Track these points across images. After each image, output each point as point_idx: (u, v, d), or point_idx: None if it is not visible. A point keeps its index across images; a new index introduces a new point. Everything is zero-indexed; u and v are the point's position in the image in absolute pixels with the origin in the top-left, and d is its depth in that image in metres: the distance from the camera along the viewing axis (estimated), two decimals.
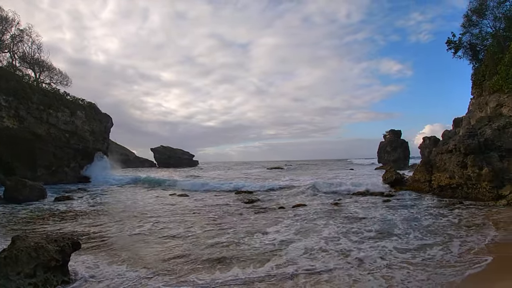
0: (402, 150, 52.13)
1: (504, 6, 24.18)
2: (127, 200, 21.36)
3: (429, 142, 27.45)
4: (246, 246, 9.74)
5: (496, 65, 21.51)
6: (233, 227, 12.42)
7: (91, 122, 36.72)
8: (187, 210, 16.80)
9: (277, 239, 10.48)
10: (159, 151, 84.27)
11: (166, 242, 10.28)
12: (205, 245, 9.85)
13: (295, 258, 8.43)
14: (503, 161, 17.38)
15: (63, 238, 6.93)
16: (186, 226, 12.71)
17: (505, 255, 8.52)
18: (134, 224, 13.22)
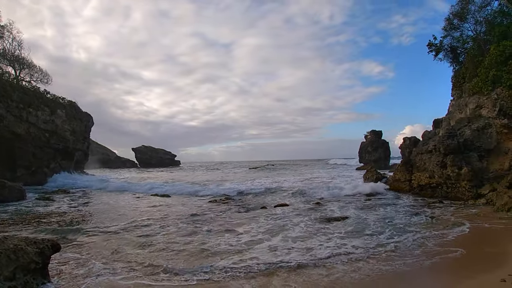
0: (383, 150, 52.83)
1: (485, 10, 24.58)
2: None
3: (409, 142, 27.68)
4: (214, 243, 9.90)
5: (476, 67, 21.82)
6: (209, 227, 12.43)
7: (71, 121, 35.65)
8: (164, 211, 16.52)
9: (247, 237, 10.65)
10: (140, 151, 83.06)
11: (143, 241, 10.25)
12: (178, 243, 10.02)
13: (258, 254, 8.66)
14: (482, 161, 17.67)
15: (42, 240, 6.74)
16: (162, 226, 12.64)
17: (465, 250, 8.75)
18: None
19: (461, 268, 7.51)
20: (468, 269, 7.34)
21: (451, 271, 7.53)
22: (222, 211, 15.91)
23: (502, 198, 13.47)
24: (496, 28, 21.71)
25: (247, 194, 22.33)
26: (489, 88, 19.74)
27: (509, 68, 18.01)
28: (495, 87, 19.29)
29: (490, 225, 11.49)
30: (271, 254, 8.72)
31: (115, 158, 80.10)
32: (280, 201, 18.47)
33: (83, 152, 38.87)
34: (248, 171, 56.31)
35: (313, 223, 12.72)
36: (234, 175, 45.52)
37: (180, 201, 20.04)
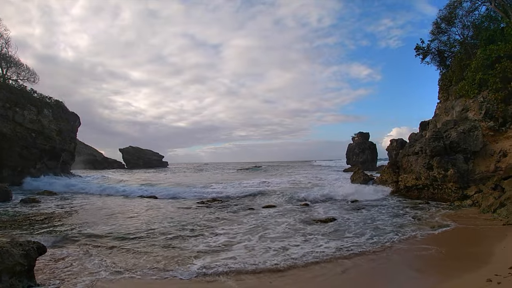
0: (370, 152, 53.11)
1: (472, 15, 24.91)
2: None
3: (396, 144, 27.86)
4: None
5: (462, 71, 22.05)
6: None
7: (58, 121, 34.84)
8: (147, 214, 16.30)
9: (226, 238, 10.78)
10: (128, 151, 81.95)
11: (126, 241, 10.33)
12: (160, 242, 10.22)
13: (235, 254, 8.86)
14: (468, 163, 17.82)
15: (28, 242, 6.62)
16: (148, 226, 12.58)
17: (450, 250, 8.90)
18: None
19: (445, 268, 7.50)
20: (453, 269, 7.35)
21: (435, 270, 7.49)
22: (208, 213, 15.68)
23: (487, 199, 13.57)
24: (483, 33, 21.95)
25: (234, 195, 21.90)
26: (476, 91, 19.95)
27: (495, 72, 18.17)
28: (482, 91, 19.52)
29: (475, 225, 11.54)
30: (248, 254, 8.88)
31: (102, 159, 78.73)
32: (267, 203, 18.31)
33: (70, 152, 37.97)
34: (235, 173, 56.01)
35: (296, 224, 12.75)
36: (221, 177, 45.17)
37: (166, 203, 19.68)
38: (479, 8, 24.47)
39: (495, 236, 9.65)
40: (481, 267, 7.15)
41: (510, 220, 10.61)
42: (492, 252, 8.21)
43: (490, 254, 8.11)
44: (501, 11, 21.74)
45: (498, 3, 21.84)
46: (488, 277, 6.28)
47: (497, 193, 14.08)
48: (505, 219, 10.92)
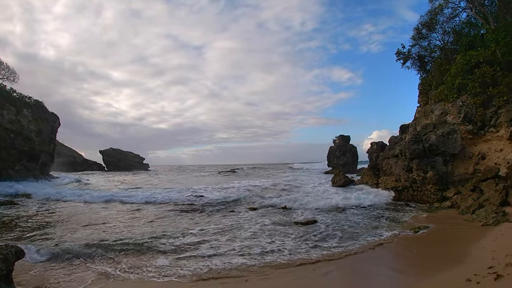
0: (351, 155, 53.14)
1: (453, 21, 25.31)
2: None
3: (376, 147, 27.98)
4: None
5: (442, 75, 22.36)
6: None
7: (37, 121, 33.44)
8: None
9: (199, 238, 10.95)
10: (108, 153, 79.89)
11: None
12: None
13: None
14: (447, 165, 18.03)
15: (6, 246, 6.47)
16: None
17: (428, 250, 9.11)
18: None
19: (424, 268, 7.50)
20: (432, 269, 7.35)
21: (414, 271, 7.53)
22: (188, 216, 15.40)
23: (466, 200, 13.71)
24: (464, 38, 22.35)
25: (215, 199, 20.89)
26: (455, 95, 20.24)
27: (474, 77, 18.46)
28: (461, 95, 19.81)
29: (454, 226, 11.60)
30: (212, 250, 9.41)
31: (82, 161, 76.54)
32: (249, 205, 18.04)
33: (49, 154, 36.44)
34: (217, 176, 55.23)
35: (271, 225, 12.73)
36: (203, 179, 44.59)
37: (144, 207, 18.79)
38: (460, 14, 24.91)
39: (474, 237, 9.69)
40: (461, 267, 7.16)
41: (488, 221, 10.67)
42: (471, 253, 8.22)
43: (469, 254, 8.12)
44: (481, 18, 22.13)
45: (479, 10, 22.23)
46: (467, 277, 6.29)
47: (476, 194, 14.26)
48: (483, 220, 10.99)
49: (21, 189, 25.15)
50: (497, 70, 17.93)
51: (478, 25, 23.11)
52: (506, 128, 16.61)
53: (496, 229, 9.96)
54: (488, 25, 20.92)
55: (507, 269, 6.37)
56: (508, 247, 7.89)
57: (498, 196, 12.60)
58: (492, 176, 14.94)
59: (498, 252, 7.63)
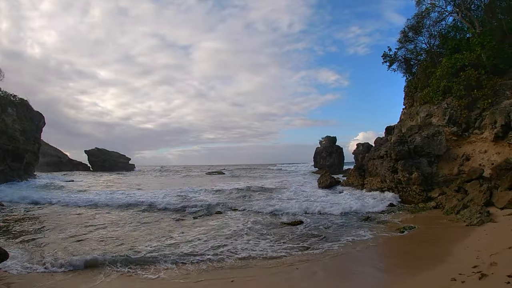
0: (337, 156, 53.32)
1: (439, 25, 25.68)
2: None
3: (362, 148, 28.22)
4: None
5: (427, 78, 22.61)
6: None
7: (22, 120, 32.88)
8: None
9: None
10: (93, 153, 78.31)
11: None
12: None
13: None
14: (432, 166, 18.17)
15: None
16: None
17: (412, 250, 9.13)
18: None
19: (409, 268, 7.51)
20: (417, 269, 7.37)
21: (399, 271, 7.50)
22: (173, 217, 15.09)
23: (451, 201, 13.79)
24: (449, 42, 22.60)
25: (203, 200, 20.30)
26: (440, 98, 20.47)
27: (459, 80, 18.67)
28: (446, 97, 20.04)
29: (439, 226, 11.64)
30: (189, 247, 9.66)
31: (67, 161, 75.13)
32: (234, 207, 17.60)
33: (34, 153, 35.80)
34: (203, 176, 54.06)
35: (256, 226, 12.63)
36: (189, 180, 43.65)
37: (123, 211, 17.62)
38: (446, 18, 25.29)
39: (458, 236, 9.70)
40: (445, 267, 7.16)
41: (473, 221, 10.72)
42: (455, 252, 8.22)
43: (453, 254, 8.13)
44: (467, 22, 22.46)
45: (465, 14, 22.56)
46: (452, 276, 6.27)
47: (460, 195, 14.36)
48: (468, 220, 11.04)
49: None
50: (482, 74, 18.17)
51: (464, 29, 23.43)
52: (490, 130, 16.82)
53: (481, 229, 10.00)
54: (474, 29, 21.23)
55: (491, 268, 6.36)
56: (492, 246, 7.88)
57: (482, 196, 12.69)
58: (477, 177, 15.07)
59: (482, 251, 7.62)
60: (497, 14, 21.64)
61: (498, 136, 16.48)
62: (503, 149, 16.43)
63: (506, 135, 16.14)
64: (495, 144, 16.80)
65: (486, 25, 21.24)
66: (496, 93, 17.69)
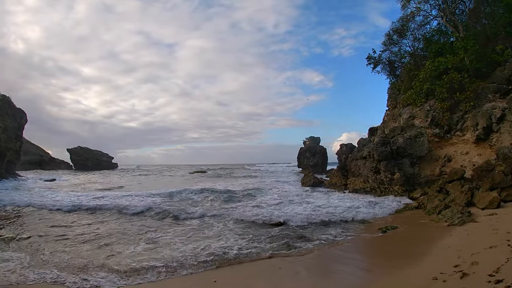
0: (320, 156, 53.74)
1: (424, 29, 26.02)
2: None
3: (345, 149, 28.18)
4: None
5: (411, 81, 22.82)
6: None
7: (3, 117, 32.04)
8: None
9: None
10: (76, 152, 76.63)
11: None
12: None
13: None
14: (414, 167, 18.31)
15: None
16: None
17: (393, 250, 9.13)
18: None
19: (392, 268, 7.47)
20: (399, 268, 7.33)
21: (382, 270, 7.45)
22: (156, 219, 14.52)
23: (433, 201, 13.84)
24: (433, 45, 22.87)
25: (187, 199, 19.57)
26: (422, 100, 20.68)
27: (442, 82, 18.89)
28: (428, 100, 20.25)
29: (421, 226, 11.65)
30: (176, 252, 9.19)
31: (49, 160, 73.72)
32: (216, 208, 16.83)
33: (15, 152, 34.92)
34: (186, 176, 52.31)
35: (237, 226, 12.49)
36: (175, 180, 42.68)
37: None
38: (431, 22, 25.63)
39: (440, 236, 9.69)
40: (427, 266, 7.12)
41: (454, 221, 10.73)
42: (437, 252, 8.20)
43: (435, 253, 8.10)
44: (451, 26, 22.77)
45: (450, 18, 22.85)
46: (434, 276, 6.23)
47: (442, 195, 14.46)
48: (449, 220, 11.05)
49: None
50: (465, 77, 18.41)
51: (448, 33, 23.76)
52: (472, 132, 17.06)
53: (462, 229, 10.00)
54: (458, 33, 21.51)
55: (472, 267, 6.33)
56: (473, 246, 7.87)
57: (463, 197, 12.78)
58: (458, 177, 15.24)
59: (463, 251, 7.59)
60: (481, 19, 22.03)
61: (480, 138, 16.77)
62: (484, 151, 16.71)
63: (488, 137, 16.43)
64: (477, 145, 17.06)
65: (470, 29, 21.57)
66: (478, 96, 17.97)
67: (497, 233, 8.54)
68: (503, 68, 18.05)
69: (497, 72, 18.20)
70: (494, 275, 5.67)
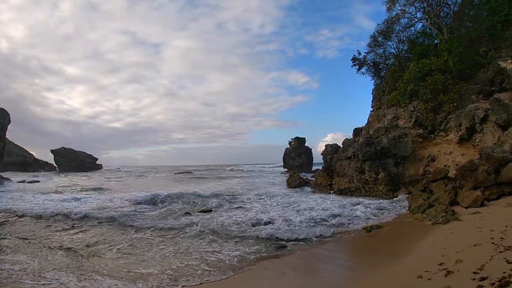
0: (306, 156, 54.20)
1: (408, 31, 26.26)
2: None
3: (330, 149, 28.25)
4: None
5: (395, 82, 23.02)
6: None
7: None
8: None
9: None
10: (60, 153, 75.04)
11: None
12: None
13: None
14: (398, 167, 18.44)
15: None
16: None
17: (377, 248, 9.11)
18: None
19: (376, 267, 7.48)
20: (383, 267, 7.35)
21: (366, 270, 7.47)
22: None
23: (417, 200, 13.89)
24: (418, 47, 23.09)
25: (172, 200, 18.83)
26: (406, 101, 20.85)
27: (426, 84, 19.09)
28: (412, 101, 20.44)
29: (405, 225, 11.69)
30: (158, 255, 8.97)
31: (33, 161, 72.20)
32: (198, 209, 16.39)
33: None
34: (173, 177, 50.91)
35: (221, 227, 12.19)
36: (159, 182, 41.32)
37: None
38: (415, 24, 25.86)
39: (424, 235, 9.71)
40: (412, 265, 7.13)
41: (438, 220, 10.76)
42: (421, 250, 8.22)
43: (419, 252, 8.12)
44: (436, 29, 23.03)
45: (434, 21, 23.09)
46: (418, 274, 6.22)
47: (426, 195, 14.53)
48: (433, 219, 11.09)
49: None
50: (449, 78, 18.64)
51: (432, 35, 24.00)
52: (455, 133, 17.26)
53: (446, 227, 10.03)
54: (442, 35, 21.75)
55: (457, 265, 6.34)
56: (457, 244, 7.89)
57: (447, 196, 12.86)
58: (442, 177, 15.37)
59: (448, 249, 7.61)
60: (465, 22, 22.31)
61: (463, 138, 17.00)
62: (467, 151, 16.94)
63: (471, 137, 16.66)
64: (460, 145, 17.27)
65: (454, 31, 21.81)
66: (462, 97, 18.22)
67: (481, 231, 8.57)
68: (486, 69, 18.33)
69: (480, 74, 18.47)
70: (478, 272, 5.68)
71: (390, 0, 25.41)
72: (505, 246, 6.83)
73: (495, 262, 6.05)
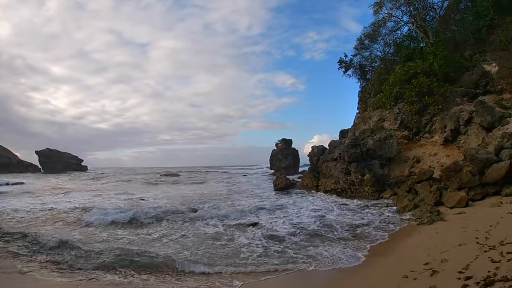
0: (292, 158, 54.24)
1: (395, 34, 26.53)
2: None
3: (317, 150, 28.18)
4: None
5: (381, 84, 23.18)
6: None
7: None
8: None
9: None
10: (44, 154, 73.40)
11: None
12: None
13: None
14: (384, 168, 18.50)
15: None
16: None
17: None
18: None
19: (360, 267, 7.52)
20: (368, 266, 7.43)
21: (346, 269, 7.50)
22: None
23: (402, 201, 13.94)
24: (404, 50, 23.30)
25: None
26: (392, 103, 20.99)
27: (411, 86, 19.23)
28: (398, 103, 20.58)
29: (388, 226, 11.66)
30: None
31: (17, 162, 70.61)
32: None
33: None
34: (157, 180, 47.66)
35: (202, 228, 12.00)
36: (138, 185, 39.05)
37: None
38: (401, 28, 26.13)
39: (409, 235, 9.71)
40: (397, 265, 7.12)
41: (423, 220, 10.79)
42: (407, 250, 8.22)
43: (405, 252, 8.12)
44: (422, 32, 23.30)
45: (420, 24, 23.35)
46: (404, 274, 6.23)
47: (411, 195, 14.61)
48: (419, 220, 11.12)
49: None
50: (434, 81, 18.81)
51: (418, 39, 24.28)
52: (440, 134, 17.43)
53: (431, 227, 10.05)
54: (428, 39, 21.99)
55: (442, 265, 6.37)
56: (442, 244, 7.95)
57: (432, 196, 12.94)
58: (427, 178, 15.49)
59: (433, 249, 7.65)
60: (450, 26, 22.64)
61: (448, 140, 17.18)
62: (452, 152, 17.12)
63: (455, 139, 16.85)
64: (445, 147, 17.45)
65: (439, 35, 22.10)
66: (447, 100, 18.43)
67: (465, 231, 8.62)
68: (471, 72, 18.60)
69: (465, 77, 18.74)
70: (463, 272, 5.71)
71: (377, 4, 25.58)
72: (490, 246, 6.88)
73: (480, 262, 6.08)
